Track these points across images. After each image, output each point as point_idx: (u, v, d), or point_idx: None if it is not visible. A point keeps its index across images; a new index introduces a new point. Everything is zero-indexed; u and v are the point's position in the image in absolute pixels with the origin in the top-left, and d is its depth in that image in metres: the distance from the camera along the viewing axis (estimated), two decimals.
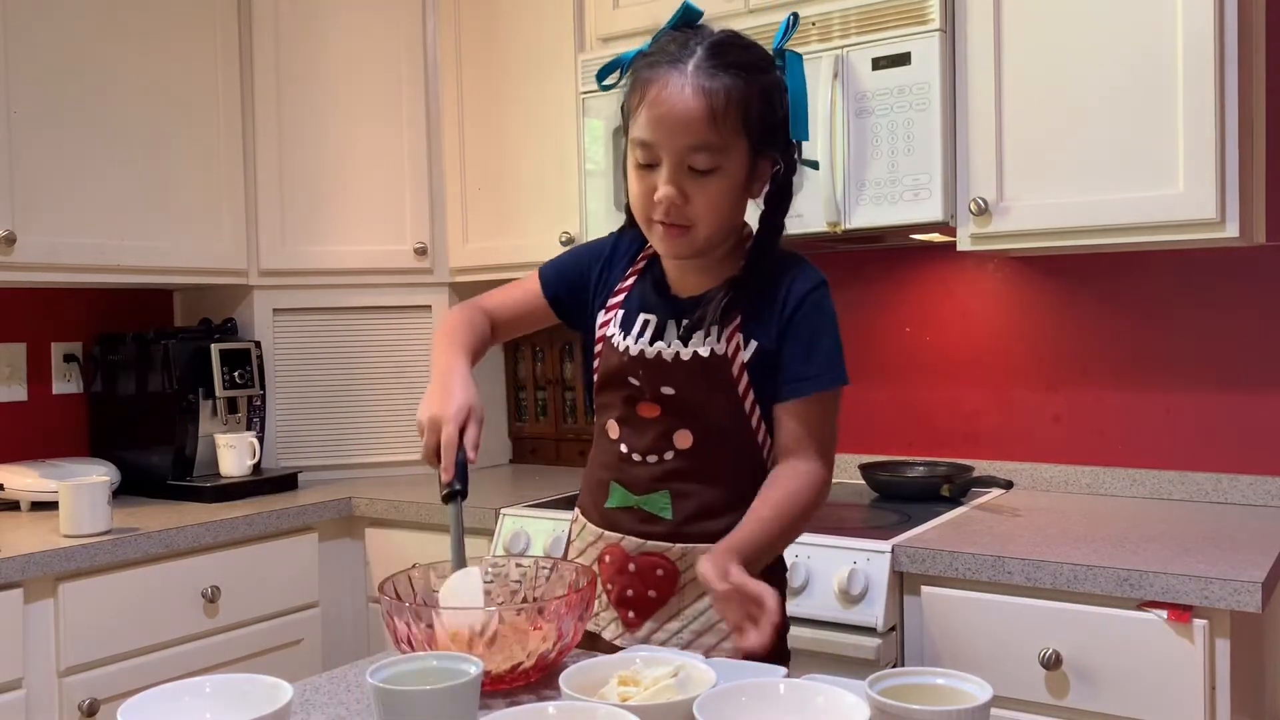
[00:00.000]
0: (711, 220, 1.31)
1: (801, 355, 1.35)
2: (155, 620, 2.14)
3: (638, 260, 1.46)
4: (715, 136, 1.26)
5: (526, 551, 2.14)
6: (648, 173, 1.31)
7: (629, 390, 1.40)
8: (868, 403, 2.54)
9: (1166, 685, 1.58)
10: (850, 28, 2.12)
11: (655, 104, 1.27)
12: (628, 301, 1.43)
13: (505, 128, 2.70)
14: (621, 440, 1.42)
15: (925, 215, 2.05)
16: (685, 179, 1.28)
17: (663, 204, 1.29)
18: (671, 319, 1.39)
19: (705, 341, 1.35)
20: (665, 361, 1.36)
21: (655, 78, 1.28)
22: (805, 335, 1.35)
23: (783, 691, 0.98)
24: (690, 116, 1.26)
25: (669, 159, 1.28)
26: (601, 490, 1.44)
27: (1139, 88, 1.88)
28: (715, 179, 1.29)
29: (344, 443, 2.82)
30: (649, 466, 1.39)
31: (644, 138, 1.29)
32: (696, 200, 1.29)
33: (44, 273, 2.32)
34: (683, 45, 1.29)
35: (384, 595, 1.17)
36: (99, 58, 2.41)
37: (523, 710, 0.94)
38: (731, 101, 1.26)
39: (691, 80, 1.26)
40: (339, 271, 2.78)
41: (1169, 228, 1.86)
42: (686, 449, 1.38)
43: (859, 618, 1.78)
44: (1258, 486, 2.11)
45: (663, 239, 1.33)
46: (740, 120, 1.28)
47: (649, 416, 1.39)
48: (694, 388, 1.36)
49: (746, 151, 1.31)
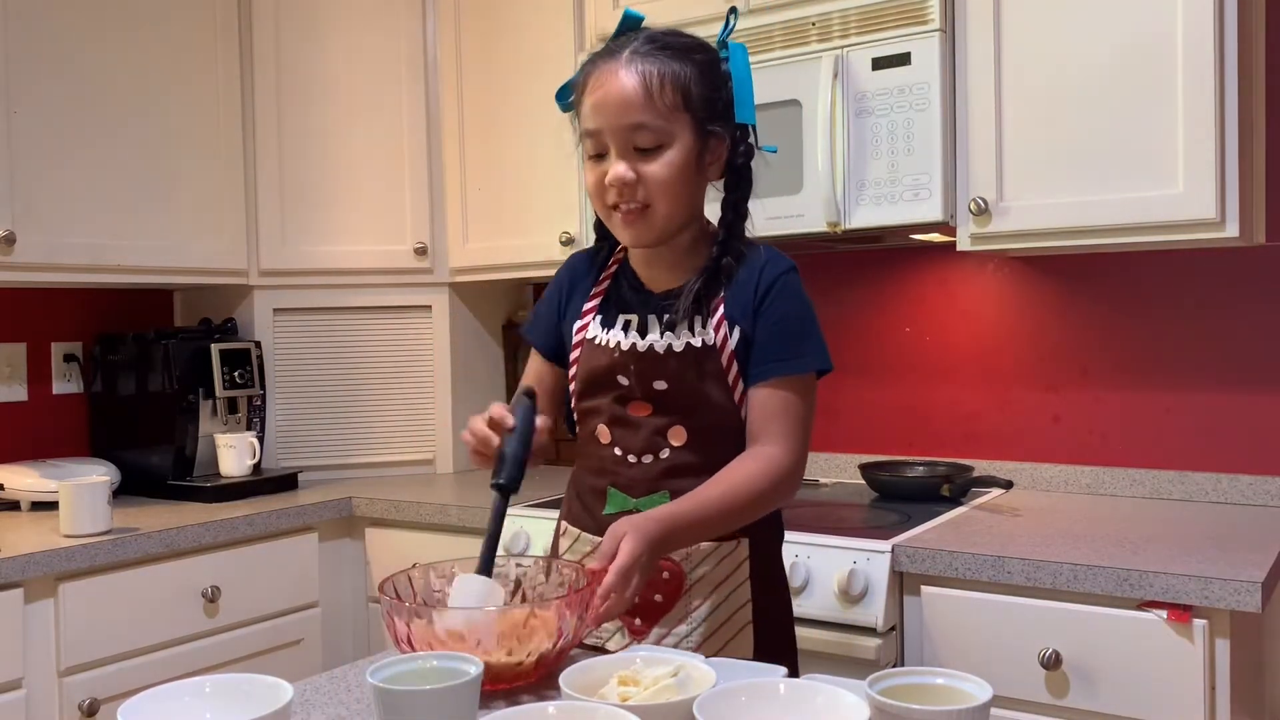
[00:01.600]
0: (666, 198, 1.34)
1: (770, 338, 1.36)
2: (155, 620, 2.14)
3: (609, 265, 1.48)
4: (653, 113, 1.31)
5: (526, 551, 2.14)
6: (598, 162, 1.35)
7: (618, 390, 1.40)
8: (868, 403, 2.54)
9: (1166, 685, 1.58)
10: (850, 28, 2.12)
11: (593, 91, 1.33)
12: (604, 306, 1.44)
13: (505, 128, 2.70)
14: (615, 443, 1.41)
15: (925, 215, 2.05)
16: (633, 159, 1.32)
17: (615, 186, 1.32)
18: (652, 314, 1.40)
19: (696, 333, 1.36)
20: (658, 354, 1.37)
21: (594, 70, 1.34)
22: (775, 318, 1.37)
23: (783, 691, 0.98)
24: (626, 96, 1.30)
25: (614, 142, 1.32)
26: (597, 498, 1.43)
27: (1139, 88, 1.88)
28: (662, 156, 1.32)
29: (344, 443, 2.82)
30: (645, 466, 1.39)
31: (588, 126, 1.34)
32: (647, 178, 1.32)
33: (44, 273, 2.32)
34: (623, 42, 1.35)
35: (384, 595, 1.17)
36: (99, 57, 2.41)
37: (523, 710, 0.94)
38: (666, 78, 1.31)
39: (627, 65, 1.31)
40: (339, 271, 2.78)
41: (1169, 228, 1.86)
42: (681, 445, 1.38)
43: (859, 618, 1.78)
44: (1258, 486, 2.11)
45: (622, 226, 1.36)
46: (679, 96, 1.32)
47: (641, 415, 1.39)
48: (687, 380, 1.37)
49: (691, 128, 1.33)
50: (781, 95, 2.17)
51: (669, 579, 1.39)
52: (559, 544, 1.50)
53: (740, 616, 1.41)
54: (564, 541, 1.49)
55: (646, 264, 1.44)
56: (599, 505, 1.42)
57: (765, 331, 1.36)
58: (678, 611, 1.39)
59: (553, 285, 1.52)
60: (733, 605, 1.40)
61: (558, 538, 1.51)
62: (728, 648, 1.38)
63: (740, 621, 1.41)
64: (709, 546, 1.39)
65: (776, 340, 1.36)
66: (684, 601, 1.39)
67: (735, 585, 1.41)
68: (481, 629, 1.10)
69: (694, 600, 1.39)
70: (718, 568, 1.39)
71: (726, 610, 1.40)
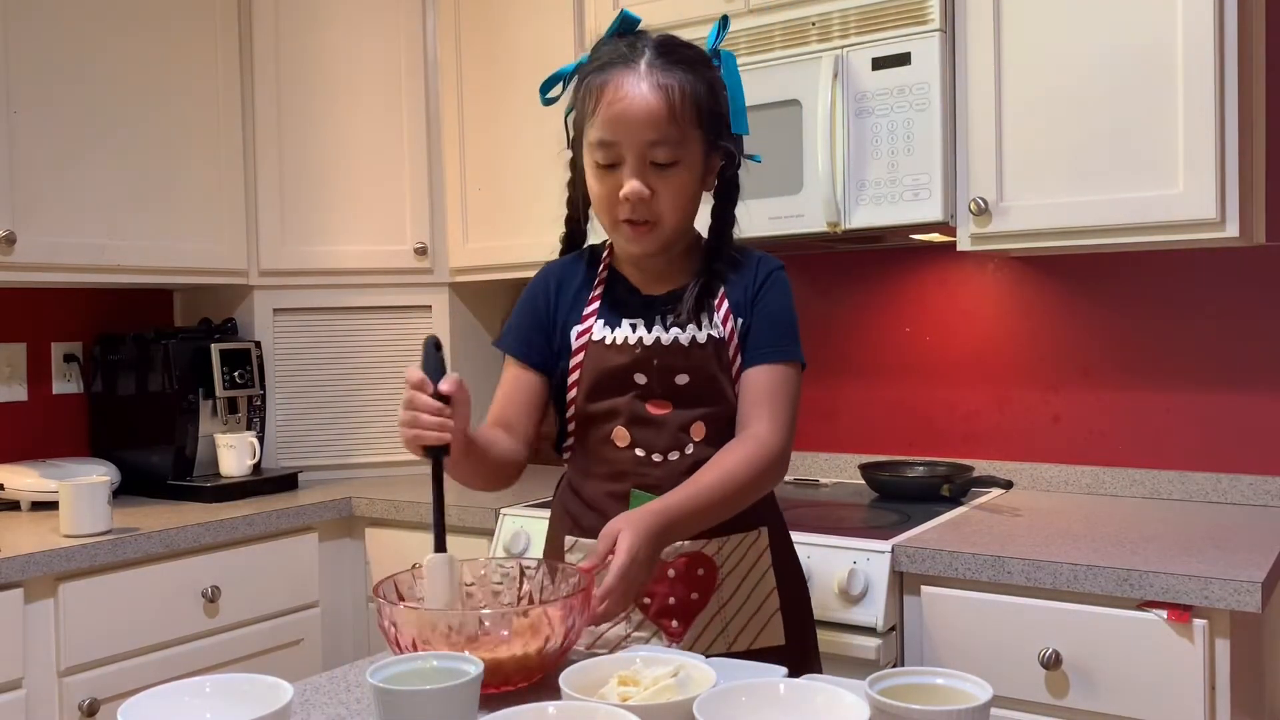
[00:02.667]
0: (675, 213, 1.35)
1: (767, 326, 1.40)
2: (155, 620, 2.14)
3: (600, 272, 1.46)
4: (675, 130, 1.31)
5: (526, 552, 2.14)
6: (609, 173, 1.33)
7: (636, 390, 1.39)
8: (868, 403, 2.54)
9: (1166, 685, 1.58)
10: (850, 28, 2.12)
11: (614, 103, 1.30)
12: (602, 312, 1.43)
13: (505, 128, 2.70)
14: (635, 444, 1.39)
15: (925, 215, 2.05)
16: (649, 174, 1.32)
17: (630, 201, 1.32)
18: (657, 315, 1.40)
19: (706, 327, 1.38)
20: (682, 346, 1.38)
21: (610, 79, 1.32)
22: (773, 309, 1.40)
23: (783, 691, 0.98)
24: (651, 111, 1.29)
25: (631, 155, 1.31)
26: (616, 502, 1.38)
27: (1139, 88, 1.88)
28: (676, 172, 1.33)
29: (344, 443, 2.82)
30: (671, 464, 1.38)
31: (605, 138, 1.32)
32: (661, 194, 1.33)
33: (44, 273, 2.32)
34: (631, 47, 1.33)
35: (379, 598, 1.17)
36: (99, 57, 2.41)
37: (523, 710, 0.94)
38: (686, 95, 1.31)
39: (647, 77, 1.30)
40: (339, 271, 2.78)
41: (1169, 228, 1.86)
42: (702, 440, 1.39)
43: (859, 618, 1.78)
44: (1258, 486, 2.11)
45: (630, 238, 1.36)
46: (695, 113, 1.32)
47: (662, 414, 1.39)
48: (707, 373, 1.38)
49: (701, 144, 1.35)
50: (781, 95, 2.17)
51: (704, 575, 1.39)
52: (563, 560, 1.45)
53: (769, 605, 1.42)
54: (571, 558, 1.43)
55: (640, 269, 1.44)
56: (618, 510, 1.34)
57: (761, 320, 1.40)
58: (711, 606, 1.39)
59: (531, 294, 1.47)
60: (761, 594, 1.42)
61: (561, 553, 1.46)
62: (761, 636, 1.40)
63: (770, 610, 1.42)
64: (736, 539, 1.40)
65: (770, 329, 1.40)
66: (717, 596, 1.39)
67: (761, 574, 1.43)
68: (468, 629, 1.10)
69: (725, 593, 1.40)
70: (744, 559, 1.41)
71: (756, 600, 1.41)
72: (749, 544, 1.42)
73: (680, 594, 1.38)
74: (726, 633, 1.39)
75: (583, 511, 1.44)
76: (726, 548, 1.39)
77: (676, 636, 1.39)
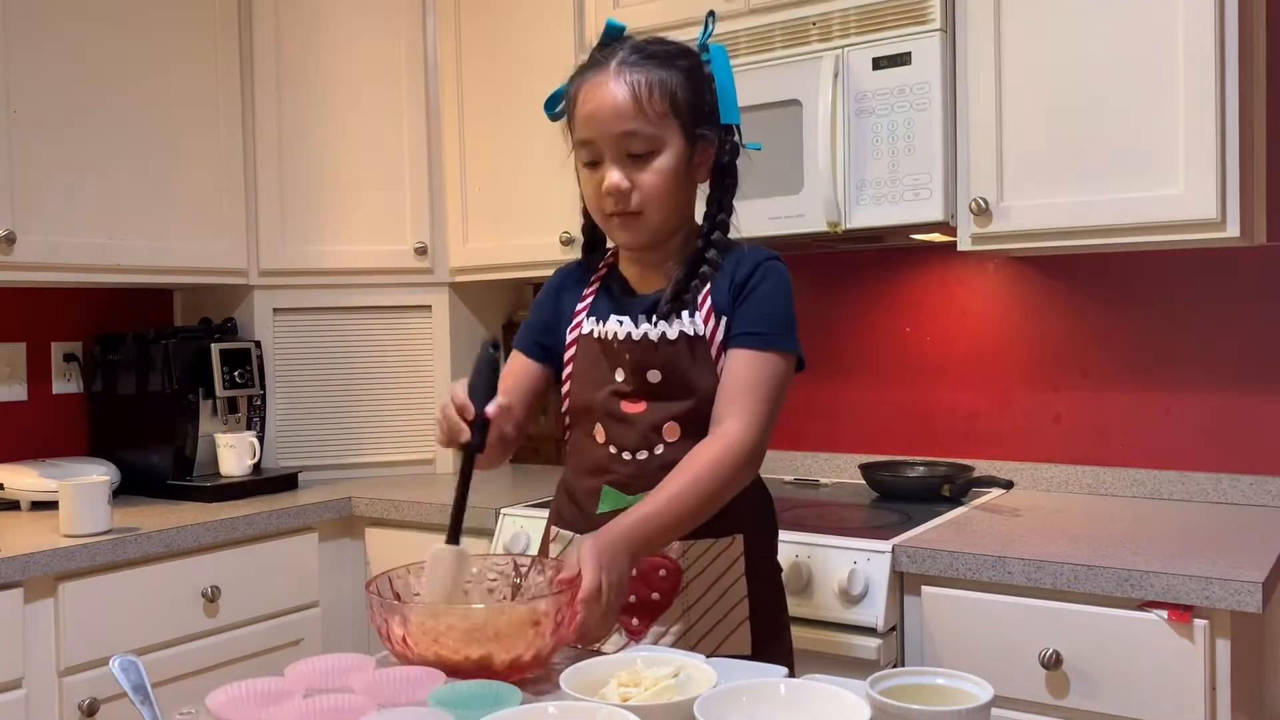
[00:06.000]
0: (659, 202, 1.38)
1: (751, 314, 1.38)
2: (155, 620, 2.13)
3: (599, 269, 1.51)
4: (644, 121, 1.35)
5: (526, 552, 2.14)
6: (594, 170, 1.39)
7: (612, 386, 1.41)
8: (868, 403, 2.54)
9: (1167, 685, 1.58)
10: (850, 28, 2.12)
11: (586, 103, 1.37)
12: (595, 309, 1.46)
13: (505, 128, 2.70)
14: (609, 441, 1.42)
15: (925, 215, 2.05)
16: (627, 166, 1.36)
17: (611, 193, 1.36)
18: (642, 312, 1.42)
19: (687, 322, 1.38)
20: (652, 342, 1.39)
21: (584, 82, 1.39)
22: (758, 297, 1.39)
23: (783, 691, 0.98)
24: (618, 105, 1.35)
25: (608, 150, 1.36)
26: (590, 497, 1.44)
27: (1139, 88, 1.88)
28: (655, 162, 1.36)
29: (344, 443, 2.82)
30: (640, 463, 1.40)
31: (583, 136, 1.38)
32: (641, 184, 1.36)
33: (44, 272, 2.31)
34: (610, 52, 1.39)
35: (370, 594, 1.16)
36: (99, 58, 2.40)
37: (523, 710, 0.94)
38: (654, 85, 1.35)
39: (615, 75, 1.36)
40: (339, 271, 2.78)
41: (1169, 228, 1.86)
42: (675, 441, 1.39)
43: (859, 618, 1.77)
44: (1258, 486, 2.11)
45: (619, 230, 1.41)
46: (667, 102, 1.36)
47: (635, 412, 1.41)
48: (680, 370, 1.38)
49: (680, 133, 1.37)
50: (782, 95, 2.17)
51: (666, 576, 1.39)
52: (548, 550, 1.51)
53: (737, 613, 1.41)
54: (554, 548, 1.50)
55: (637, 267, 1.47)
56: (592, 504, 1.43)
57: (745, 307, 1.38)
58: (675, 609, 1.39)
59: (541, 294, 1.57)
60: (729, 602, 1.41)
61: (547, 544, 1.53)
62: (725, 644, 1.39)
63: (737, 618, 1.41)
64: (705, 544, 1.40)
65: (753, 315, 1.38)
66: (681, 599, 1.39)
67: (731, 581, 1.42)
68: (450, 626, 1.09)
69: (691, 597, 1.39)
70: (713, 565, 1.40)
71: (723, 607, 1.41)
72: (720, 550, 1.41)
73: (641, 593, 1.39)
74: (689, 636, 1.39)
75: (565, 503, 1.51)
76: (693, 551, 1.39)
77: (637, 635, 1.40)
